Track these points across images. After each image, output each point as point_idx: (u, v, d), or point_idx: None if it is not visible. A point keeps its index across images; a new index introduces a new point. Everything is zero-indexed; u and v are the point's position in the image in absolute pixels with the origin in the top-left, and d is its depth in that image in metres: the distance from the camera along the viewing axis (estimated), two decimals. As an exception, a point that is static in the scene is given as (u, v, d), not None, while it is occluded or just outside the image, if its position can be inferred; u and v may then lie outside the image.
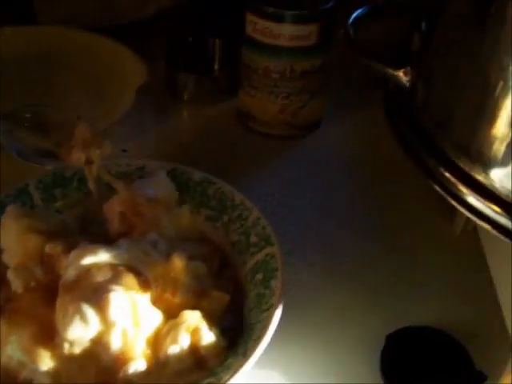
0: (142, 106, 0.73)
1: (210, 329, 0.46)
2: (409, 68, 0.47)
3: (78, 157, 0.51)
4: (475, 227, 0.61)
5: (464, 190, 0.45)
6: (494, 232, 0.44)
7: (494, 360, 0.50)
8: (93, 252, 0.47)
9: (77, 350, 0.45)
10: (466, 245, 0.61)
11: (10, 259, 0.50)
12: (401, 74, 0.47)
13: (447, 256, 0.60)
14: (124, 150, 0.69)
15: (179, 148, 0.71)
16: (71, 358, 0.45)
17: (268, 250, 0.50)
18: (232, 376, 0.42)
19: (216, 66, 0.79)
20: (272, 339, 0.44)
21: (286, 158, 0.71)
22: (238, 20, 0.69)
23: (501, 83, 0.41)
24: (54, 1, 0.83)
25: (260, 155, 0.71)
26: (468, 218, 0.58)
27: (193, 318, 0.46)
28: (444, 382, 0.48)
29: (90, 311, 0.44)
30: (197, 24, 0.80)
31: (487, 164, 0.43)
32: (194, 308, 0.47)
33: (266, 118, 0.71)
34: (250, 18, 0.65)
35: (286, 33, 0.64)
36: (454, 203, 0.46)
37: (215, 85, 0.77)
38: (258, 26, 0.65)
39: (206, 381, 0.43)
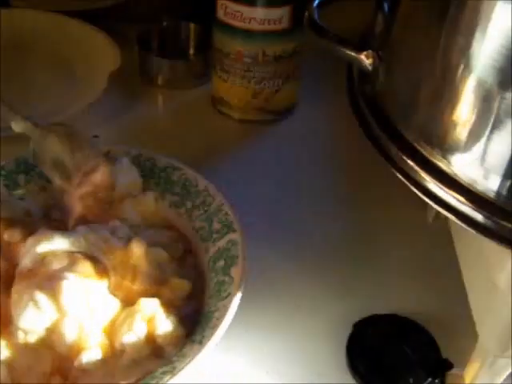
0: (115, 91, 0.72)
1: (168, 317, 0.46)
2: (370, 51, 0.46)
3: (83, 199, 0.51)
4: (447, 214, 0.60)
5: (426, 177, 0.44)
6: (457, 221, 0.43)
7: (459, 348, 0.49)
8: (49, 239, 0.46)
9: (32, 339, 0.44)
10: (438, 233, 0.60)
11: (-32, 246, 0.49)
12: (362, 56, 0.46)
13: (419, 244, 0.60)
14: (95, 136, 0.68)
15: (153, 133, 0.71)
16: (26, 347, 0.44)
17: (230, 236, 0.49)
18: (187, 364, 0.42)
19: (190, 51, 0.79)
20: (233, 326, 0.44)
21: (259, 143, 0.71)
22: (212, 3, 0.68)
23: (461, 67, 0.40)
24: (28, -17, 0.82)
25: (234, 140, 0.71)
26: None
27: (150, 305, 0.45)
28: (410, 371, 0.48)
29: (43, 299, 0.44)
30: (170, 8, 0.80)
31: (449, 151, 0.42)
32: (154, 295, 0.47)
33: (239, 103, 0.70)
34: (221, 1, 0.64)
35: (257, 16, 0.63)
36: (416, 191, 0.45)
37: (189, 70, 0.76)
38: (228, 10, 0.64)
39: (161, 369, 0.43)
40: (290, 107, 0.73)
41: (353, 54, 0.46)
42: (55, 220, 0.53)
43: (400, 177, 0.45)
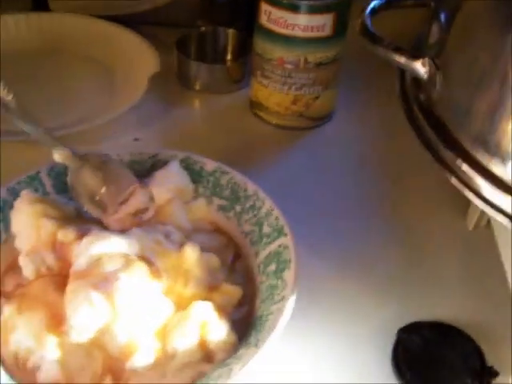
0: (153, 96, 0.73)
1: (221, 322, 0.46)
2: (427, 59, 0.46)
3: (122, 221, 0.51)
4: (488, 223, 0.60)
5: (481, 183, 0.44)
6: (511, 226, 0.43)
7: (505, 356, 0.49)
8: (104, 240, 0.47)
9: (84, 338, 0.45)
10: (479, 240, 0.60)
11: (22, 245, 0.50)
12: (418, 65, 0.47)
13: (460, 251, 0.60)
14: (136, 139, 0.69)
15: (191, 137, 0.71)
16: (78, 346, 0.45)
17: (281, 240, 0.49)
18: (243, 366, 0.42)
19: (228, 56, 0.79)
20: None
21: (297, 149, 0.71)
22: (250, 9, 0.69)
23: (522, 76, 0.40)
24: (67, -12, 0.82)
25: (271, 146, 0.71)
26: (481, 214, 0.58)
27: (203, 310, 0.46)
28: (456, 378, 0.48)
29: (98, 298, 0.44)
30: (209, 13, 0.80)
31: (506, 158, 0.43)
32: (205, 300, 0.47)
33: (279, 109, 0.71)
34: (265, 7, 0.64)
35: (301, 23, 0.64)
36: (470, 196, 0.45)
37: (227, 74, 0.76)
38: (272, 16, 0.64)
39: (217, 371, 0.43)
40: (328, 114, 0.73)
41: (408, 62, 0.47)
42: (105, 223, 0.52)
43: (455, 182, 0.45)
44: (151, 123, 0.72)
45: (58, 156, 0.51)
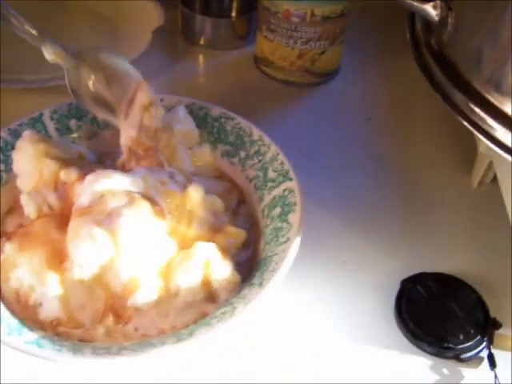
0: (158, 50, 0.72)
1: (224, 262, 0.45)
2: (438, 1, 0.45)
3: (134, 119, 0.49)
4: (493, 180, 0.60)
5: (493, 124, 0.44)
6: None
7: (508, 308, 0.49)
8: (108, 177, 0.46)
9: (87, 275, 0.44)
10: (484, 196, 0.60)
11: (24, 184, 0.49)
12: (429, 7, 0.46)
13: (465, 206, 0.59)
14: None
15: (195, 92, 0.70)
16: (80, 283, 0.44)
17: (286, 184, 0.49)
18: (246, 306, 0.42)
19: (233, 11, 0.78)
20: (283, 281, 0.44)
21: (304, 105, 0.70)
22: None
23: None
24: None
25: (277, 102, 0.70)
26: (486, 171, 0.58)
27: (206, 249, 0.45)
28: (459, 328, 0.48)
29: (101, 235, 0.44)
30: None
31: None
32: (208, 242, 0.46)
33: (284, 64, 0.70)
34: (272, -41, 0.64)
35: (308, -26, 0.63)
36: (482, 138, 0.45)
37: (232, 30, 0.75)
38: (279, -32, 0.63)
39: (221, 310, 0.43)
40: (335, 70, 0.72)
41: (419, 4, 0.46)
42: (108, 166, 0.52)
43: (467, 125, 0.45)
44: (155, 77, 0.71)
45: (49, 54, 0.49)
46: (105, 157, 0.54)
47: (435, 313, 0.49)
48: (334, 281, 0.52)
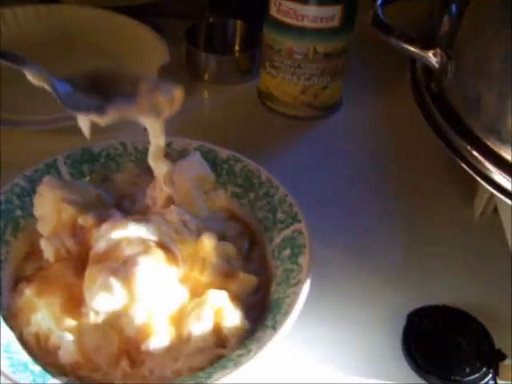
0: (163, 86, 0.73)
1: (235, 310, 0.47)
2: (438, 49, 0.47)
3: (145, 103, 0.48)
4: (495, 210, 0.61)
5: (492, 168, 0.45)
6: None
7: (512, 339, 0.50)
8: (124, 225, 0.48)
9: (102, 320, 0.46)
10: (486, 227, 0.61)
11: (44, 228, 0.51)
12: (430, 55, 0.48)
13: (467, 238, 0.61)
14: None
15: (201, 127, 0.72)
16: (96, 327, 0.46)
17: (295, 226, 0.51)
18: (261, 348, 0.43)
19: (236, 47, 0.80)
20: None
21: (306, 139, 0.72)
22: (258, 1, 0.70)
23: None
24: (76, -21, 0.83)
25: (281, 136, 0.72)
26: (487, 201, 0.59)
27: (218, 297, 0.47)
28: (465, 360, 0.49)
29: (116, 283, 0.45)
30: (217, 5, 0.81)
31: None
32: (220, 288, 0.48)
33: (288, 99, 0.72)
34: (275, -2, 0.65)
35: (310, 14, 0.64)
36: (481, 181, 0.47)
37: (236, 65, 0.77)
38: (282, 7, 0.65)
39: (237, 353, 0.44)
40: (337, 104, 0.74)
41: (421, 52, 0.48)
42: (125, 209, 0.54)
43: (466, 168, 0.46)
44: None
45: (34, 78, 0.48)
46: (122, 198, 0.56)
47: (442, 346, 0.50)
48: (342, 315, 0.53)
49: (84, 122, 0.48)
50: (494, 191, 0.45)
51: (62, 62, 0.77)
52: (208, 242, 0.49)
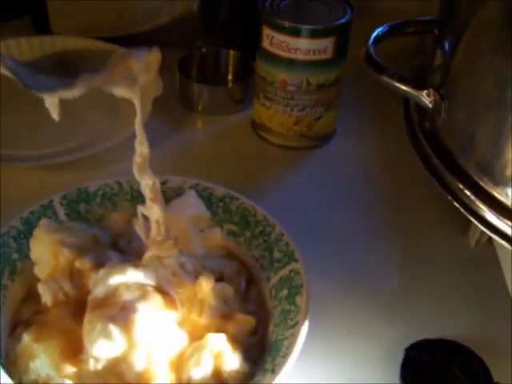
0: (156, 117, 0.73)
1: (234, 353, 0.47)
2: (431, 89, 0.48)
3: (117, 71, 0.44)
4: (489, 240, 0.62)
5: (484, 208, 0.46)
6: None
7: (510, 371, 0.51)
8: (121, 271, 0.48)
9: (101, 367, 0.46)
10: (481, 257, 0.62)
11: (41, 272, 0.51)
12: (424, 94, 0.48)
13: (462, 268, 0.61)
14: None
15: (195, 159, 0.72)
16: (96, 374, 0.46)
17: (292, 266, 0.51)
18: (262, 392, 0.43)
19: (229, 77, 0.80)
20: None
21: (300, 169, 0.72)
22: (250, 31, 0.70)
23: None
24: (68, 10, 0.83)
25: (275, 166, 0.72)
26: (482, 231, 0.60)
27: (217, 341, 0.47)
28: (463, 395, 0.49)
29: (116, 330, 0.45)
30: (210, 35, 0.81)
31: (508, 184, 0.44)
32: (219, 330, 0.48)
33: (282, 130, 0.72)
34: (267, 31, 0.66)
35: (302, 47, 0.65)
36: (473, 220, 0.47)
37: (229, 96, 0.77)
38: (274, 40, 0.66)
39: (237, 397, 0.44)
40: (330, 134, 0.75)
41: (413, 92, 0.48)
42: (122, 250, 0.54)
43: (458, 207, 0.47)
44: (155, 145, 0.72)
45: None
46: (118, 237, 0.56)
47: (439, 380, 0.50)
48: (339, 350, 0.54)
49: (51, 102, 0.45)
50: (487, 231, 0.45)
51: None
52: (206, 284, 0.49)
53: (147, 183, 0.50)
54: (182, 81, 0.77)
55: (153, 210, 0.49)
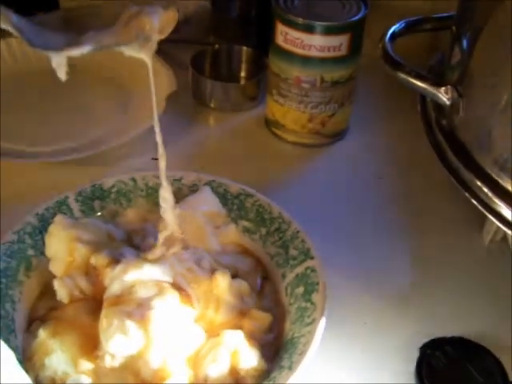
0: (170, 113, 0.73)
1: (251, 350, 0.47)
2: (450, 86, 0.47)
3: (128, 29, 0.42)
4: (504, 238, 0.61)
5: (501, 204, 0.46)
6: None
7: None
8: (138, 267, 0.48)
9: (118, 364, 0.46)
10: (495, 255, 0.62)
11: (57, 269, 0.51)
12: (441, 92, 0.48)
13: (477, 266, 0.61)
14: (155, 158, 0.70)
15: (208, 155, 0.72)
16: (112, 370, 0.46)
17: (308, 263, 0.51)
18: (279, 389, 0.43)
19: (242, 73, 0.80)
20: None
21: (314, 166, 0.72)
22: (263, 27, 0.70)
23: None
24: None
25: (288, 163, 0.72)
26: (497, 229, 0.60)
27: (234, 338, 0.47)
28: (479, 393, 0.49)
29: (132, 327, 0.45)
30: (223, 31, 0.81)
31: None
32: (235, 327, 0.48)
33: (295, 127, 0.72)
34: (281, 28, 0.66)
35: (317, 43, 0.65)
36: (490, 217, 0.47)
37: (242, 92, 0.77)
38: (288, 37, 0.65)
39: (254, 395, 0.44)
40: (344, 131, 0.74)
41: (431, 89, 0.48)
42: (136, 246, 0.54)
43: (475, 203, 0.47)
44: (168, 142, 0.72)
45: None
46: (133, 233, 0.56)
47: (455, 378, 0.50)
48: (355, 349, 0.53)
49: (58, 62, 0.43)
50: (504, 227, 0.45)
51: (68, 90, 0.77)
52: (222, 280, 0.49)
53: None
54: (195, 77, 0.77)
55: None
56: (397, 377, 0.51)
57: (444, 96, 0.48)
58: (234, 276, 0.52)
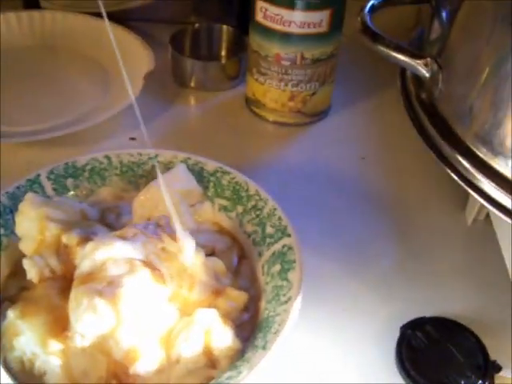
0: (149, 93, 0.72)
1: (225, 329, 0.46)
2: (429, 59, 0.46)
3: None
4: (487, 216, 0.61)
5: (482, 179, 0.45)
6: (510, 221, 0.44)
7: (507, 350, 0.50)
8: (109, 245, 0.46)
9: (88, 343, 0.44)
10: (478, 234, 0.61)
11: (27, 248, 0.50)
12: (420, 64, 0.47)
13: (460, 245, 0.60)
14: (132, 138, 0.69)
15: (187, 135, 0.71)
16: (82, 350, 0.45)
17: (285, 241, 0.50)
18: (252, 369, 0.42)
19: (223, 52, 0.79)
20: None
21: (295, 145, 0.71)
22: (244, 6, 0.69)
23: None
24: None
25: (269, 142, 0.71)
26: (480, 208, 0.59)
27: (207, 316, 0.46)
28: (460, 373, 0.48)
29: (102, 305, 0.44)
30: (203, 9, 0.80)
31: (507, 155, 0.43)
32: (210, 306, 0.47)
33: (276, 106, 0.70)
34: (261, 4, 0.64)
35: (297, 20, 0.63)
36: (470, 191, 0.46)
37: (222, 71, 0.76)
38: (268, 13, 0.64)
39: (226, 375, 0.43)
40: (325, 110, 0.73)
41: (410, 61, 0.47)
42: (110, 225, 0.52)
43: (456, 178, 0.46)
44: (147, 121, 0.70)
45: None
46: (107, 212, 0.54)
47: (436, 358, 0.49)
48: (335, 328, 0.52)
49: None
50: (485, 203, 0.44)
51: (45, 68, 0.76)
52: (196, 259, 0.47)
53: None
54: (175, 56, 0.75)
55: None
56: (376, 357, 0.50)
57: (423, 68, 0.47)
58: (210, 255, 0.51)
